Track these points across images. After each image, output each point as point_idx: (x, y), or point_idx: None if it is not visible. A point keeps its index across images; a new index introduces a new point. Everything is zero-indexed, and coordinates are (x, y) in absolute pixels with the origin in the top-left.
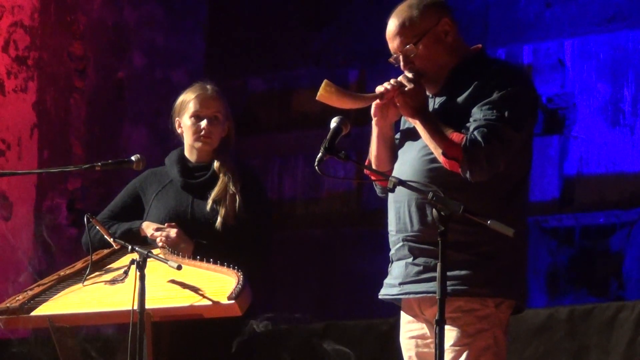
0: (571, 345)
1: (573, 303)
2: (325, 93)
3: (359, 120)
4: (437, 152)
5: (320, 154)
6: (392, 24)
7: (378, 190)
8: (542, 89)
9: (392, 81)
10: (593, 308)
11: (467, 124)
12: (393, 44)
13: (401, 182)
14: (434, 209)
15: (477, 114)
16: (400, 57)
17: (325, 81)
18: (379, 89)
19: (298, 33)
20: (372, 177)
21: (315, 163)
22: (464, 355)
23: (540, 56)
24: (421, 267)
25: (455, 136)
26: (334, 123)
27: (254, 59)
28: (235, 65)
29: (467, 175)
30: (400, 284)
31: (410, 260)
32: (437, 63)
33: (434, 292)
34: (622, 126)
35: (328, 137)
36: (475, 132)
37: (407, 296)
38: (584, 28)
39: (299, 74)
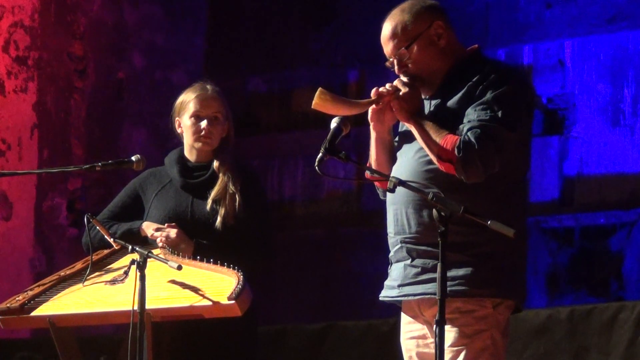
0: (571, 345)
1: (573, 303)
2: (320, 101)
3: (359, 121)
4: (432, 155)
5: (320, 155)
6: (386, 29)
7: (380, 193)
8: (542, 89)
9: (387, 86)
10: (593, 308)
11: (462, 125)
12: (387, 48)
13: (401, 183)
14: (433, 210)
15: (471, 115)
16: (395, 61)
17: (319, 89)
18: (374, 93)
19: (298, 33)
20: (373, 180)
21: (316, 163)
22: (462, 355)
23: (540, 56)
24: (419, 269)
25: (450, 138)
26: (334, 123)
27: (254, 59)
28: (235, 65)
29: (462, 176)
30: (399, 285)
31: (408, 262)
32: (431, 66)
33: (432, 294)
34: (622, 126)
35: (328, 137)
36: (468, 134)
37: (405, 298)
38: (584, 28)
39: (299, 74)
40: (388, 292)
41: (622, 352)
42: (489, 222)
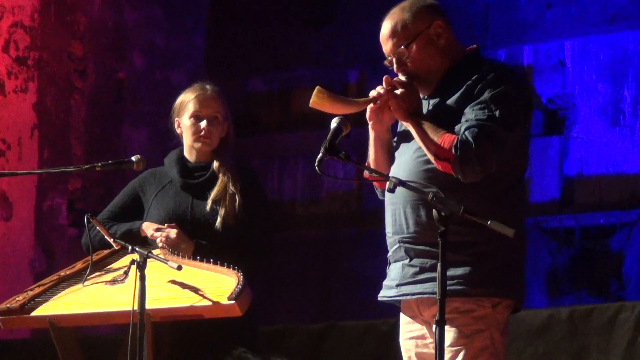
0: (571, 345)
1: (573, 303)
2: (317, 100)
3: (359, 121)
4: (430, 154)
5: (320, 155)
6: (385, 27)
7: (379, 193)
8: (542, 89)
9: (385, 85)
10: (593, 309)
11: (459, 125)
12: (386, 46)
13: (401, 183)
14: (433, 210)
15: (469, 114)
16: (393, 60)
17: (317, 88)
18: (373, 93)
19: (298, 33)
20: (371, 180)
21: (316, 163)
22: (461, 355)
23: (540, 57)
24: (417, 269)
25: (447, 137)
26: (334, 123)
27: (254, 59)
28: (235, 65)
29: (460, 176)
30: (398, 285)
31: (406, 261)
32: (430, 65)
33: (431, 293)
34: (622, 127)
35: (328, 137)
36: (466, 133)
37: (404, 297)
38: (584, 29)
39: (299, 74)
40: (386, 292)
41: (622, 352)
42: (489, 222)
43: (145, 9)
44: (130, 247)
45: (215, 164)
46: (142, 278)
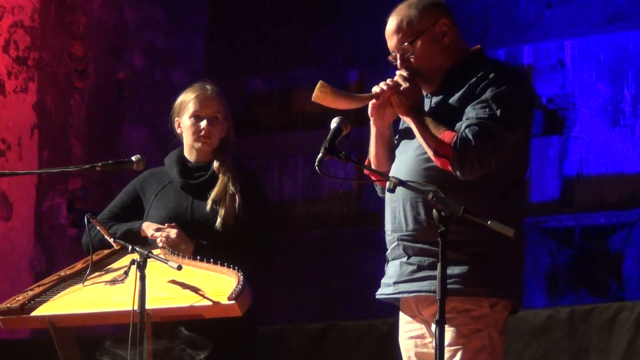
0: (571, 345)
1: (573, 304)
2: (320, 94)
3: (359, 121)
4: (429, 150)
5: (320, 155)
6: (391, 23)
7: (378, 190)
8: (542, 89)
9: (388, 81)
10: (593, 309)
11: (460, 123)
12: (391, 42)
13: (401, 183)
14: (433, 210)
15: (470, 113)
16: (397, 56)
17: (320, 82)
18: (375, 89)
19: (298, 33)
20: (373, 178)
21: (316, 163)
22: (459, 355)
23: (540, 56)
24: (415, 267)
25: (447, 134)
26: (334, 123)
27: (254, 59)
28: (235, 65)
29: (458, 173)
30: (395, 283)
31: (404, 259)
32: (433, 63)
33: (428, 292)
34: (622, 126)
35: (328, 137)
36: (466, 130)
37: (401, 295)
38: (584, 28)
39: (299, 74)
40: (384, 290)
41: (622, 352)
42: (489, 222)
43: (145, 9)
44: (130, 247)
45: (216, 164)
46: (142, 278)
